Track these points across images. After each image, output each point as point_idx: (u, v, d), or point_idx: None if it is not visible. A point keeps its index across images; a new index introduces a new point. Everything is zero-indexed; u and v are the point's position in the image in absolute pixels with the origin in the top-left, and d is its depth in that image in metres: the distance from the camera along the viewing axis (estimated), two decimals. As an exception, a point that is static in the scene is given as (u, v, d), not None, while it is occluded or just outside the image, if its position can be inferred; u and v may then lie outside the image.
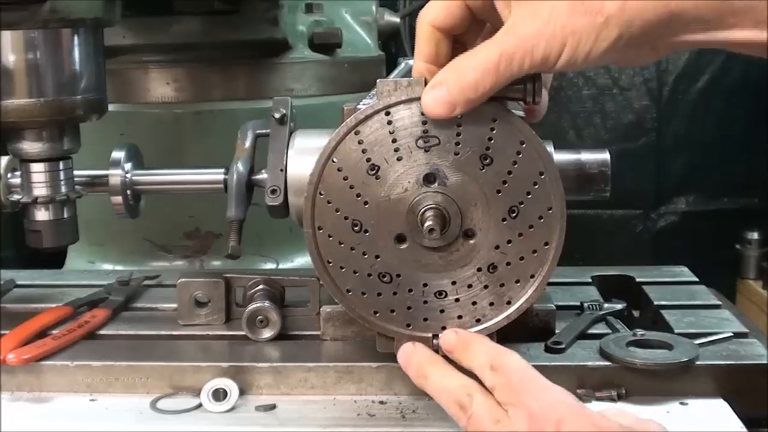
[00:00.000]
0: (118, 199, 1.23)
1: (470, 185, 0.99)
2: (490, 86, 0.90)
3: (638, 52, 0.87)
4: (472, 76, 0.90)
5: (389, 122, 0.99)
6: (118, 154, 1.23)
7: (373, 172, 1.00)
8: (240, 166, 1.19)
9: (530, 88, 0.98)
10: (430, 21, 0.95)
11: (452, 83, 0.92)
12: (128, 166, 1.24)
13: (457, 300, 1.01)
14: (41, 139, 1.16)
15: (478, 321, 1.02)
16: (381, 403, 1.09)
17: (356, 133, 0.99)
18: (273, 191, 1.12)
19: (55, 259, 1.79)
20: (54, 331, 1.20)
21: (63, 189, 1.19)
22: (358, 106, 1.01)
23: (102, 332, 1.25)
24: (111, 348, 1.19)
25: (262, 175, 1.16)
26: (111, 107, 1.27)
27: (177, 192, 1.29)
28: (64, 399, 1.12)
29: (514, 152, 0.98)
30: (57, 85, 1.14)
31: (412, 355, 0.99)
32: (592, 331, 1.20)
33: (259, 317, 1.19)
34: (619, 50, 0.85)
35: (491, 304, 1.01)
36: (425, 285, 1.01)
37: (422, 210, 0.99)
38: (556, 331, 1.17)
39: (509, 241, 1.00)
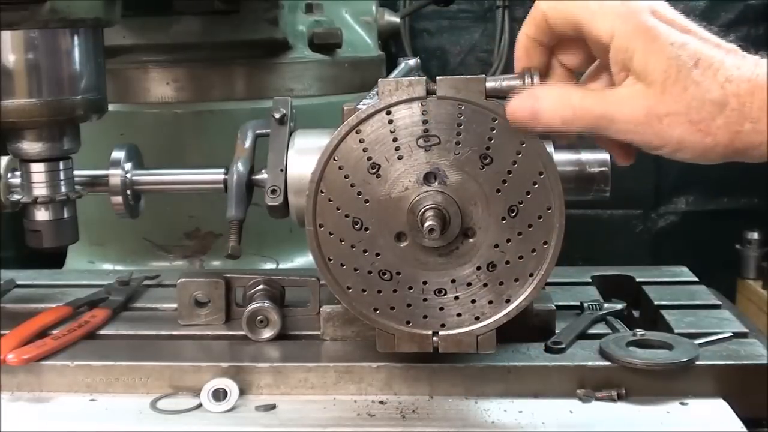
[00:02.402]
0: (118, 199, 1.23)
1: (470, 184, 0.99)
2: (577, 131, 0.90)
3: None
4: (569, 113, 0.89)
5: (390, 121, 0.99)
6: (118, 154, 1.23)
7: (374, 170, 1.00)
8: (240, 166, 1.19)
9: (529, 87, 0.98)
10: (524, 31, 0.96)
11: (547, 106, 0.91)
12: (128, 166, 1.23)
13: (456, 298, 1.01)
14: (41, 139, 1.16)
15: (477, 319, 1.02)
16: (381, 403, 1.09)
17: (357, 132, 1.00)
18: (273, 191, 1.12)
19: (55, 259, 1.79)
20: (54, 331, 1.20)
21: (63, 189, 1.19)
22: (359, 106, 1.01)
23: (102, 332, 1.25)
24: (111, 348, 1.20)
25: (262, 175, 1.16)
26: (111, 107, 1.27)
27: (177, 192, 1.29)
28: (64, 399, 1.12)
29: (514, 152, 0.98)
30: (57, 85, 1.14)
31: None
32: (592, 331, 1.20)
33: (259, 317, 1.19)
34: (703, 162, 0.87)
35: (490, 302, 1.01)
36: (425, 283, 1.01)
37: (422, 210, 0.99)
38: (556, 331, 1.17)
39: (508, 240, 1.00)
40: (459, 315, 1.02)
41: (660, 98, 0.84)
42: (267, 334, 1.19)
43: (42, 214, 1.19)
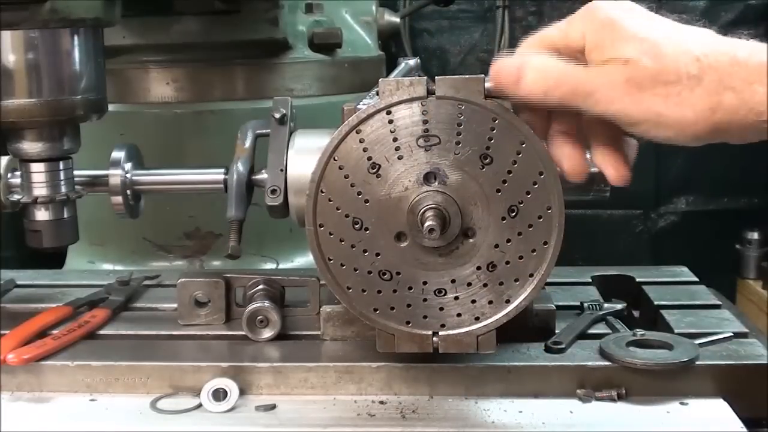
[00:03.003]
0: (118, 199, 1.23)
1: (470, 184, 0.99)
2: (556, 101, 0.91)
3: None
4: (551, 82, 0.90)
5: (390, 121, 0.99)
6: (118, 154, 1.23)
7: (374, 170, 1.00)
8: (240, 166, 1.19)
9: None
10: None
11: (532, 76, 0.91)
12: (128, 166, 1.23)
13: (456, 298, 1.01)
14: (41, 139, 1.16)
15: (477, 319, 1.02)
16: (381, 403, 1.09)
17: (357, 132, 1.00)
18: (273, 191, 1.12)
19: (55, 259, 1.79)
20: (54, 331, 1.20)
21: (63, 189, 1.19)
22: (359, 106, 1.01)
23: (102, 332, 1.25)
24: (111, 348, 1.19)
25: (262, 175, 1.16)
26: (111, 107, 1.27)
27: (177, 192, 1.29)
28: (64, 399, 1.12)
29: (514, 152, 0.98)
30: (57, 85, 1.14)
31: None
32: (592, 331, 1.20)
33: (259, 317, 1.19)
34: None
35: (490, 302, 1.01)
36: (425, 283, 1.01)
37: (422, 210, 0.99)
38: (556, 331, 1.17)
39: (509, 240, 1.00)
40: (459, 315, 1.02)
41: (637, 70, 0.85)
42: (267, 334, 1.19)
43: (42, 214, 1.19)
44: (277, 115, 1.15)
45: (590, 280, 1.42)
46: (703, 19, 0.91)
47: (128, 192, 1.23)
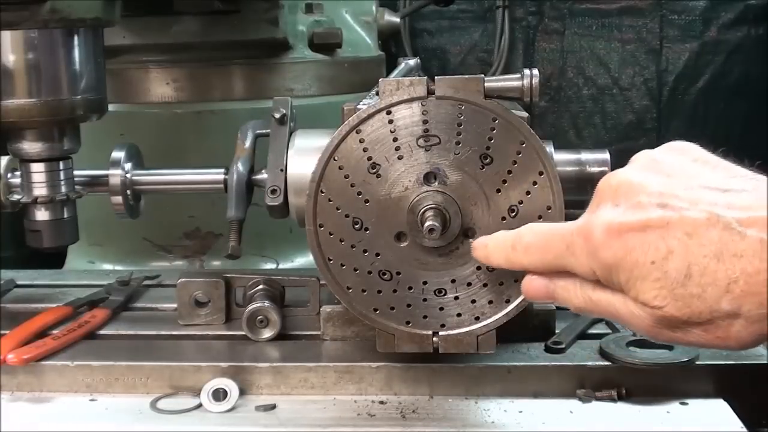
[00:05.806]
0: (118, 199, 1.23)
1: (470, 184, 0.99)
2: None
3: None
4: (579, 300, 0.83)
5: (390, 121, 0.99)
6: (118, 154, 1.23)
7: (374, 170, 1.00)
8: (240, 166, 1.19)
9: (527, 86, 0.99)
10: None
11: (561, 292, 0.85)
12: (128, 166, 1.24)
13: (456, 298, 1.01)
14: (41, 139, 1.16)
15: (477, 319, 1.02)
16: (381, 403, 1.09)
17: (358, 132, 1.00)
18: (273, 191, 1.12)
19: (55, 259, 1.79)
20: (54, 331, 1.20)
21: (63, 189, 1.19)
22: (359, 106, 1.01)
23: (102, 332, 1.25)
24: (111, 348, 1.19)
25: (262, 175, 1.16)
26: (111, 107, 1.27)
27: (177, 192, 1.29)
28: (64, 399, 1.12)
29: (514, 152, 0.98)
30: (57, 85, 1.14)
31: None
32: (592, 331, 1.20)
33: (259, 317, 1.19)
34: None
35: (490, 302, 1.01)
36: (425, 283, 1.01)
37: (422, 210, 0.99)
38: (556, 331, 1.17)
39: (509, 241, 1.00)
40: (459, 315, 1.02)
41: (664, 317, 0.75)
42: (267, 334, 1.19)
43: (42, 214, 1.19)
44: (277, 115, 1.15)
45: (590, 280, 1.42)
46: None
47: (128, 192, 1.23)
